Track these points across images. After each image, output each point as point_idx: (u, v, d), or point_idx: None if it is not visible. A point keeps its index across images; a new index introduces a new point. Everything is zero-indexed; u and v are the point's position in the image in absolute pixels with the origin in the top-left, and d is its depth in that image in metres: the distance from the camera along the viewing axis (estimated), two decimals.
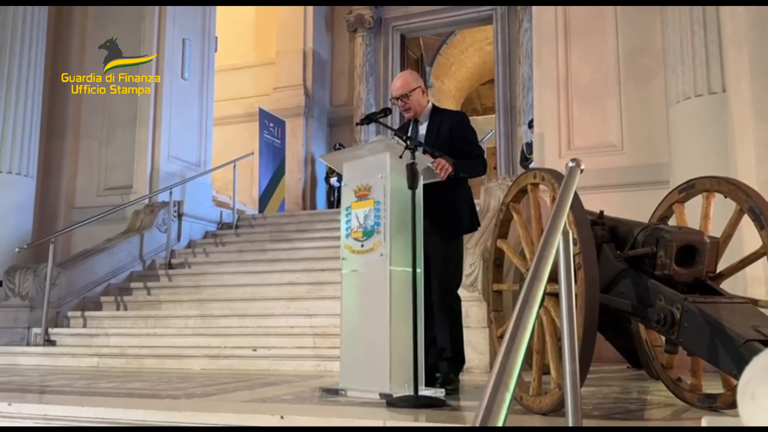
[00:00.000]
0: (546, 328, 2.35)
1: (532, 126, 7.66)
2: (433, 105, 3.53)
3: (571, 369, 1.70)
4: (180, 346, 5.09)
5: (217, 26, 8.72)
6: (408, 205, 2.87)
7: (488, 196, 5.45)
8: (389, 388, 2.79)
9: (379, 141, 3.28)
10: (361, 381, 2.96)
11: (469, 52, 14.16)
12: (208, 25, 8.38)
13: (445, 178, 3.08)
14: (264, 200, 9.74)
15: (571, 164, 2.09)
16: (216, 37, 8.65)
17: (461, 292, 3.45)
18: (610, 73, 5.66)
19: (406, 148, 2.87)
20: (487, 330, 4.18)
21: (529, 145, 8.57)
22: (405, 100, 3.39)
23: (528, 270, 1.50)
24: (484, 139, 11.20)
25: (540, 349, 2.39)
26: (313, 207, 10.24)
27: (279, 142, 10.17)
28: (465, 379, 3.49)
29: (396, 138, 3.16)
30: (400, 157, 2.90)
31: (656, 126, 5.32)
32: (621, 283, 2.49)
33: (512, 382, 1.09)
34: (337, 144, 10.08)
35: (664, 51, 5.18)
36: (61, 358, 5.28)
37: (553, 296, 2.18)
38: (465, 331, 3.41)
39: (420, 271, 2.90)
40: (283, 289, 5.82)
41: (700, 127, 4.56)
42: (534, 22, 6.41)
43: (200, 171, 7.96)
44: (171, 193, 7.18)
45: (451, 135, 3.33)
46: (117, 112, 7.52)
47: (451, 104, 13.90)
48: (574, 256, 1.87)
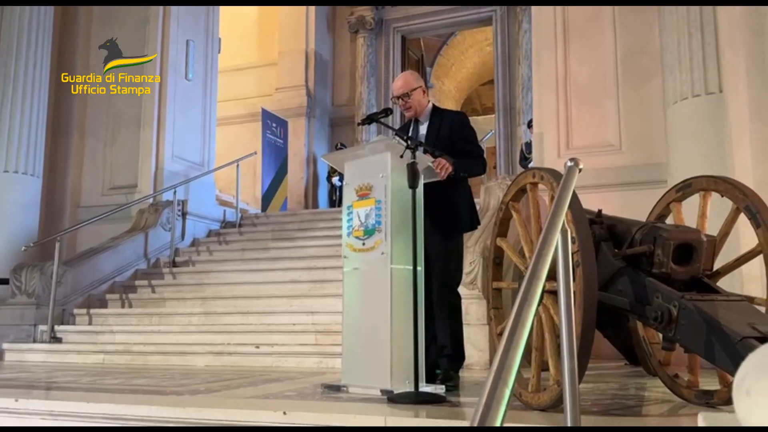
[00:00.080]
0: (545, 326, 2.36)
1: (531, 126, 7.66)
2: (433, 105, 3.54)
3: (569, 366, 1.71)
4: (184, 343, 5.12)
5: (220, 28, 8.72)
6: (409, 204, 2.88)
7: (488, 195, 5.47)
8: (390, 384, 2.80)
9: (380, 141, 3.29)
10: (363, 377, 2.97)
11: (469, 53, 14.15)
12: (211, 27, 8.40)
13: (446, 177, 3.10)
14: (267, 199, 9.75)
15: (569, 164, 2.09)
16: (219, 39, 8.66)
17: (461, 289, 3.47)
18: (608, 74, 5.66)
19: (407, 147, 2.88)
20: (486, 327, 4.19)
21: (529, 145, 8.59)
22: (406, 99, 3.41)
23: (527, 268, 1.50)
24: (484, 138, 11.24)
25: (539, 346, 2.40)
26: (315, 206, 10.24)
27: (281, 141, 10.19)
28: (465, 375, 3.50)
29: (397, 138, 3.17)
30: (401, 156, 2.92)
31: (654, 126, 5.32)
32: (619, 281, 2.51)
33: (511, 379, 1.10)
34: (339, 144, 10.08)
35: (661, 52, 5.17)
36: (67, 354, 5.32)
37: (552, 294, 2.20)
38: (465, 328, 3.43)
39: (420, 269, 2.92)
40: (285, 287, 5.84)
41: (698, 127, 4.56)
42: (533, 24, 6.42)
43: (204, 170, 7.98)
44: (175, 193, 7.20)
45: (451, 135, 3.35)
46: (122, 113, 7.54)
47: (451, 104, 13.88)
48: (572, 254, 1.86)
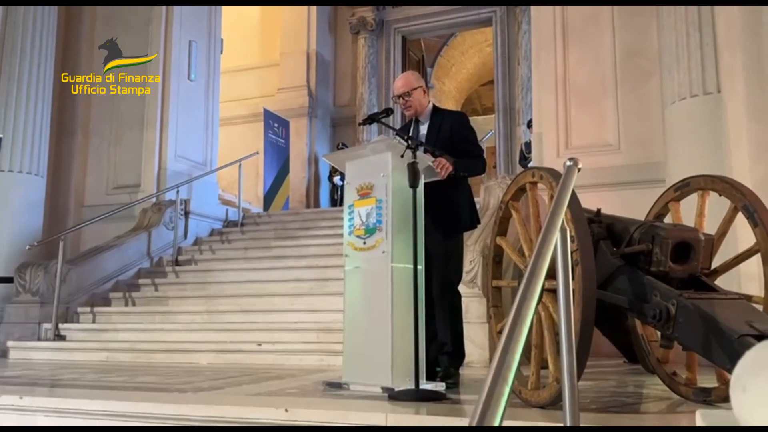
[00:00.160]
0: (544, 324, 2.38)
1: (531, 126, 7.68)
2: (433, 105, 3.56)
3: (568, 363, 1.72)
4: (187, 341, 5.15)
5: (223, 29, 8.74)
6: (409, 203, 2.90)
7: (488, 194, 5.50)
8: (391, 381, 2.82)
9: (381, 140, 3.32)
10: (364, 375, 3.00)
11: (469, 54, 14.16)
12: (213, 28, 8.41)
13: (446, 176, 3.12)
14: (269, 198, 9.77)
15: (568, 163, 2.10)
16: (222, 39, 8.68)
17: (461, 288, 3.48)
18: (607, 74, 5.68)
19: (408, 147, 2.91)
20: (486, 325, 4.22)
21: (528, 145, 8.60)
22: (406, 98, 3.43)
23: (526, 266, 1.51)
24: (484, 138, 11.25)
25: (538, 343, 2.42)
26: (317, 205, 10.26)
27: (283, 141, 10.21)
28: (465, 373, 3.52)
29: (397, 137, 3.19)
30: (402, 156, 2.94)
31: (652, 126, 5.33)
32: (617, 279, 2.52)
33: (511, 376, 1.10)
34: (340, 143, 10.10)
35: (660, 52, 5.18)
36: (72, 352, 5.33)
37: (551, 292, 2.21)
38: (465, 326, 3.44)
39: (421, 267, 2.93)
40: (287, 286, 5.86)
41: (695, 126, 4.57)
42: (533, 24, 6.43)
43: (206, 170, 8.00)
44: (178, 192, 7.21)
45: (451, 135, 3.37)
46: (125, 113, 7.56)
47: (451, 105, 13.89)
48: (571, 252, 1.87)
